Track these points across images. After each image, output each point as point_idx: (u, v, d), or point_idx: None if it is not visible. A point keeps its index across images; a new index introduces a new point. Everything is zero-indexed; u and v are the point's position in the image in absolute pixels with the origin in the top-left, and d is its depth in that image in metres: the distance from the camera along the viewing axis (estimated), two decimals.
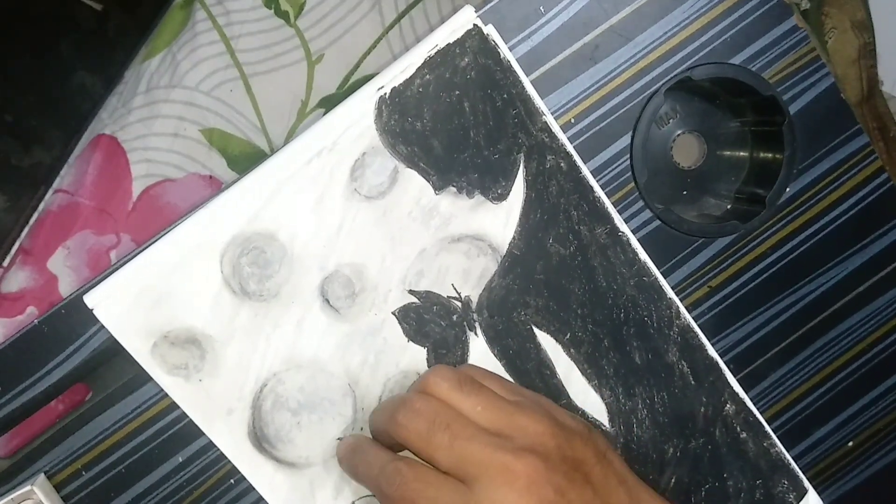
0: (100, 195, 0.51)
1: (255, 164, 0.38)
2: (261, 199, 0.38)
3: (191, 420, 0.39)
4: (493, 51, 0.39)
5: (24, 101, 0.52)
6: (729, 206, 0.43)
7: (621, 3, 0.40)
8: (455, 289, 0.40)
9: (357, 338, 0.40)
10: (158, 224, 0.52)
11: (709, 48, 0.41)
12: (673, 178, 0.43)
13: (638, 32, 0.40)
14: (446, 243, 0.40)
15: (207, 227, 0.38)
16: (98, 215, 0.51)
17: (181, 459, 0.40)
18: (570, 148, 0.40)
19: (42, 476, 0.39)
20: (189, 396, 0.39)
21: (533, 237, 0.40)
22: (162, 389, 0.39)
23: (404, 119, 0.39)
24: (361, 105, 0.39)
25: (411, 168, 0.39)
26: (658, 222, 0.41)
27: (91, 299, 0.38)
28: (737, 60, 0.41)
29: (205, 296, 0.38)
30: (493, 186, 0.40)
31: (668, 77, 0.41)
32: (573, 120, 0.41)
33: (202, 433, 0.39)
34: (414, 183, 0.39)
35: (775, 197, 0.41)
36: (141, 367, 0.38)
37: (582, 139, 0.41)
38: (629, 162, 0.41)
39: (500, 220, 0.40)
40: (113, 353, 0.39)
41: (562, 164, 0.40)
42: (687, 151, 0.43)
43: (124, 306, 0.38)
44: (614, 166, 0.41)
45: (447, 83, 0.39)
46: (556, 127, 0.40)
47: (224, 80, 0.52)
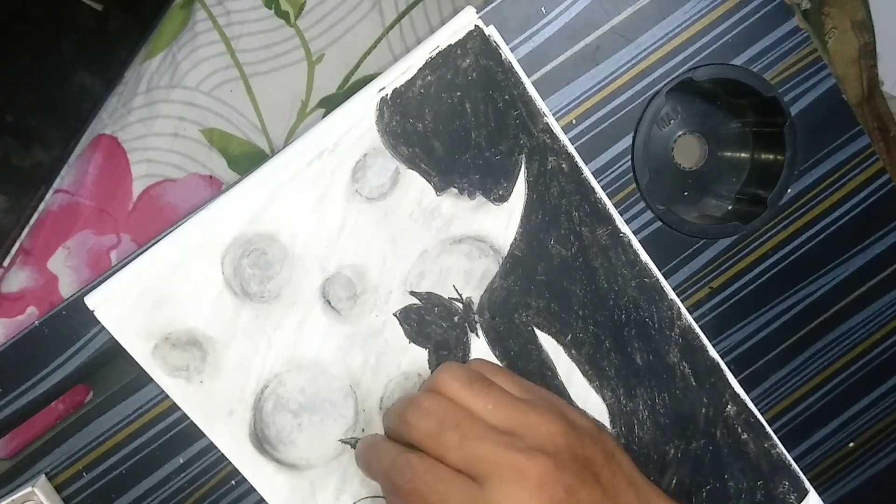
0: (100, 195, 0.51)
1: (255, 164, 0.38)
2: (262, 200, 0.38)
3: (192, 421, 0.39)
4: (494, 52, 0.39)
5: (25, 101, 0.52)
6: (730, 207, 0.43)
7: (622, 3, 0.40)
8: (456, 290, 0.40)
9: (358, 339, 0.40)
10: (159, 224, 0.52)
11: (710, 49, 0.41)
12: (674, 179, 0.43)
13: (639, 33, 0.40)
14: (448, 244, 0.40)
15: (208, 229, 0.38)
16: (98, 215, 0.51)
17: (182, 461, 0.40)
18: (571, 149, 0.40)
19: (43, 477, 0.39)
20: (190, 398, 0.39)
21: (534, 238, 0.40)
22: (163, 391, 0.39)
23: (406, 120, 0.39)
24: (363, 106, 0.39)
25: (413, 169, 0.39)
26: (659, 223, 0.41)
27: (92, 300, 0.38)
28: (738, 61, 0.41)
29: (206, 297, 0.38)
30: (494, 188, 0.40)
31: (670, 78, 0.41)
32: (574, 121, 0.41)
33: (203, 434, 0.39)
34: (415, 184, 0.39)
35: (776, 198, 0.41)
36: (142, 368, 0.38)
37: (583, 140, 0.41)
38: (630, 163, 0.41)
39: (501, 221, 0.40)
40: (114, 354, 0.39)
41: (563, 166, 0.40)
42: (688, 152, 0.43)
43: (125, 307, 0.38)
44: (615, 167, 0.41)
45: (448, 84, 0.39)
46: (557, 128, 0.40)
47: (224, 81, 0.52)
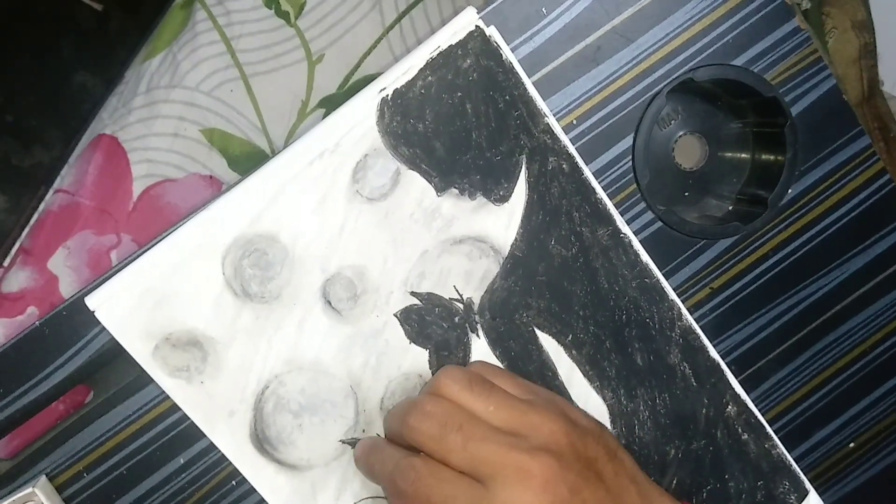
0: (100, 195, 0.51)
1: (255, 164, 0.38)
2: (263, 200, 0.38)
3: (192, 422, 0.39)
4: (495, 52, 0.39)
5: (25, 101, 0.52)
6: (731, 208, 0.43)
7: (623, 4, 0.40)
8: (457, 290, 0.40)
9: (359, 340, 0.40)
10: (159, 224, 0.52)
11: (711, 49, 0.41)
12: (675, 179, 0.43)
13: (640, 34, 0.40)
14: (448, 245, 0.40)
15: (209, 229, 0.38)
16: (98, 215, 0.51)
17: (183, 461, 0.40)
18: (572, 149, 0.40)
19: (43, 478, 0.39)
20: (191, 398, 0.39)
21: (535, 239, 0.40)
22: (163, 391, 0.39)
23: (406, 121, 0.39)
24: (363, 107, 0.39)
25: (413, 170, 0.39)
26: (660, 224, 0.41)
27: (92, 301, 0.38)
28: (739, 62, 0.41)
29: (206, 298, 0.38)
30: (495, 188, 0.40)
31: (670, 78, 0.40)
32: (575, 121, 0.41)
33: (204, 435, 0.39)
34: (416, 185, 0.39)
35: (777, 198, 0.41)
36: (142, 368, 0.38)
37: (584, 141, 0.41)
38: (631, 163, 0.41)
39: (502, 221, 0.40)
40: (114, 354, 0.39)
41: (564, 166, 0.40)
42: (689, 153, 0.43)
43: (126, 308, 0.38)
44: (616, 168, 0.41)
45: (449, 85, 0.39)
46: (558, 128, 0.40)
47: (224, 81, 0.52)
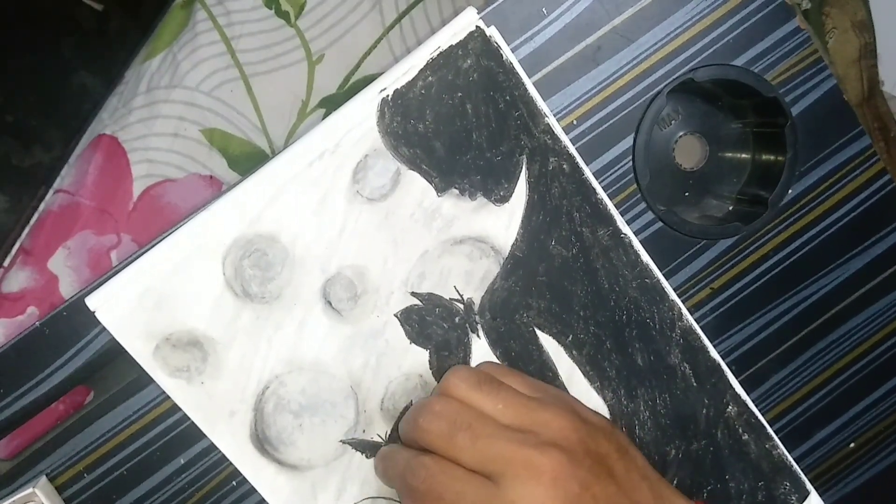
0: (100, 195, 0.51)
1: (255, 164, 0.38)
2: (263, 201, 0.38)
3: (193, 422, 0.39)
4: (495, 52, 0.39)
5: (25, 101, 0.52)
6: (731, 208, 0.43)
7: (624, 4, 0.40)
8: (457, 291, 0.40)
9: (359, 340, 0.40)
10: (159, 224, 0.52)
11: (711, 50, 0.41)
12: (675, 179, 0.43)
13: (640, 34, 0.40)
14: (448, 245, 0.40)
15: (209, 230, 0.38)
16: (99, 215, 0.51)
17: (183, 462, 0.40)
18: (572, 150, 0.40)
19: (44, 478, 0.39)
20: (191, 399, 0.39)
21: (535, 239, 0.40)
22: (164, 392, 0.39)
23: (407, 121, 0.39)
24: (364, 107, 0.38)
25: (413, 170, 0.39)
26: (660, 224, 0.41)
27: (93, 301, 0.38)
28: (739, 62, 0.41)
29: (207, 298, 0.38)
30: (495, 188, 0.40)
31: (671, 79, 0.40)
32: (575, 122, 0.40)
33: (204, 435, 0.39)
34: (416, 185, 0.39)
35: (777, 199, 0.41)
36: (143, 369, 0.38)
37: (584, 141, 0.41)
38: (631, 163, 0.41)
39: (502, 222, 0.40)
40: (114, 355, 0.39)
41: (564, 166, 0.40)
42: (689, 153, 0.43)
43: (126, 308, 0.38)
44: (616, 168, 0.41)
45: (449, 85, 0.39)
46: (558, 129, 0.40)
47: (224, 81, 0.52)
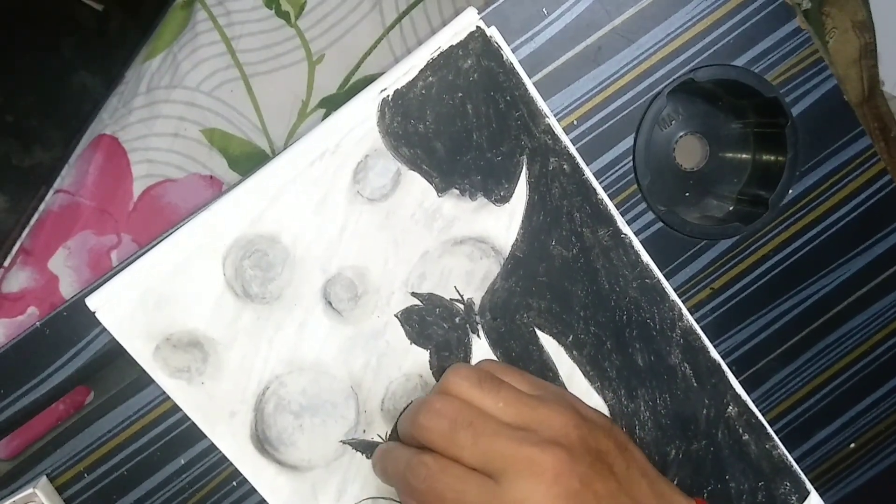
0: (100, 195, 0.51)
1: (256, 164, 0.38)
2: (263, 201, 0.38)
3: (193, 423, 0.39)
4: (495, 53, 0.39)
5: (25, 101, 0.52)
6: (731, 208, 0.43)
7: (624, 4, 0.40)
8: (458, 291, 0.40)
9: (359, 340, 0.40)
10: (159, 224, 0.52)
11: (711, 50, 0.41)
12: (675, 179, 0.43)
13: (641, 34, 0.40)
14: (449, 246, 0.40)
15: (210, 230, 0.38)
16: (99, 215, 0.51)
17: (183, 462, 0.40)
18: (572, 150, 0.40)
19: (44, 478, 0.39)
20: (191, 399, 0.39)
21: (536, 239, 0.40)
22: (164, 392, 0.39)
23: (407, 121, 0.39)
24: (364, 107, 0.38)
25: (414, 170, 0.39)
26: (661, 224, 0.41)
27: (93, 301, 0.38)
28: (740, 62, 0.41)
29: (207, 298, 0.38)
30: (495, 189, 0.40)
31: (671, 79, 0.40)
32: (576, 122, 0.40)
33: (204, 436, 0.39)
34: (417, 185, 0.39)
35: (778, 199, 0.41)
36: (143, 369, 0.38)
37: (585, 141, 0.41)
38: (632, 164, 0.41)
39: (502, 222, 0.40)
40: (115, 355, 0.39)
41: (565, 167, 0.40)
42: (689, 153, 0.43)
43: (126, 309, 0.38)
44: (617, 168, 0.41)
45: (450, 85, 0.39)
46: (558, 129, 0.40)
47: (225, 81, 0.52)
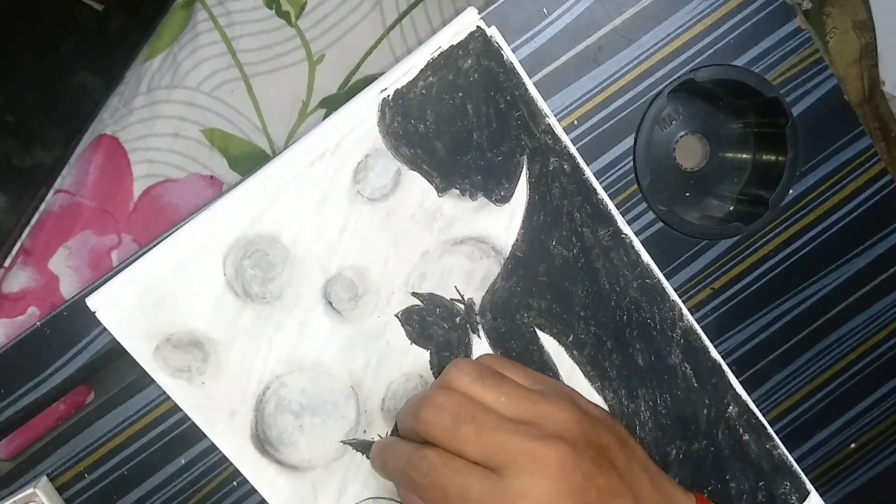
0: (101, 195, 0.51)
1: (256, 164, 0.38)
2: (263, 201, 0.38)
3: (193, 423, 0.39)
4: (496, 53, 0.39)
5: (26, 101, 0.52)
6: (732, 208, 0.43)
7: (624, 4, 0.40)
8: (458, 291, 0.40)
9: (360, 340, 0.40)
10: (159, 224, 0.52)
11: (712, 50, 0.41)
12: (676, 179, 0.43)
13: (641, 34, 0.40)
14: (449, 245, 0.40)
15: (210, 230, 0.38)
16: (99, 215, 0.51)
17: (184, 462, 0.40)
18: (573, 150, 0.40)
19: (44, 478, 0.39)
20: (192, 399, 0.39)
21: (536, 239, 0.40)
22: (164, 392, 0.39)
23: (407, 121, 0.39)
24: (364, 107, 0.38)
25: (414, 170, 0.39)
26: (661, 224, 0.41)
27: (93, 302, 0.38)
28: (740, 62, 0.41)
29: (207, 298, 0.38)
30: (496, 188, 0.40)
31: (672, 79, 0.40)
32: (576, 122, 0.40)
33: (204, 436, 0.39)
34: (417, 185, 0.39)
35: (778, 199, 0.41)
36: (143, 369, 0.38)
37: (585, 141, 0.41)
38: (632, 164, 0.41)
39: (503, 222, 0.40)
40: (115, 355, 0.39)
41: (565, 166, 0.40)
42: (690, 153, 0.43)
43: (127, 309, 0.38)
44: (617, 168, 0.41)
45: (450, 85, 0.39)
46: (559, 129, 0.40)
47: (225, 81, 0.52)
